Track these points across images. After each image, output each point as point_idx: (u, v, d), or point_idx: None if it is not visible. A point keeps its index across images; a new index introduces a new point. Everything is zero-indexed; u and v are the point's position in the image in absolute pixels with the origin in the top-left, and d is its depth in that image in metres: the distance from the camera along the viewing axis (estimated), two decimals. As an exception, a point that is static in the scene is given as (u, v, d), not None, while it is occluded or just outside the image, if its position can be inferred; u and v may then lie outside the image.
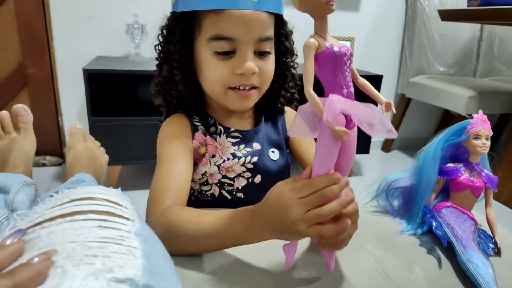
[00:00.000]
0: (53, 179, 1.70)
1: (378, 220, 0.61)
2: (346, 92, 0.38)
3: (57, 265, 0.24)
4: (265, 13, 0.54)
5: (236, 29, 0.53)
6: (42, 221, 0.28)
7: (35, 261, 0.24)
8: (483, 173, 0.56)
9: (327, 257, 0.47)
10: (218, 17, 0.53)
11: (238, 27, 0.53)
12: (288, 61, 0.65)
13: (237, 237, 0.45)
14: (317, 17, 0.37)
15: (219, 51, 0.55)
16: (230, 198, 0.62)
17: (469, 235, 0.52)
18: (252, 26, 0.53)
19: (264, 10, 0.54)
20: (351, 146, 0.41)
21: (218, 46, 0.55)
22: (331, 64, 0.37)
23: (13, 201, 0.57)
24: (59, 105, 1.80)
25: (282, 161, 0.66)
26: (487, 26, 2.26)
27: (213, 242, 0.47)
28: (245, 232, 0.43)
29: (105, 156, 0.79)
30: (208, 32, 0.55)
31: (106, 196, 0.31)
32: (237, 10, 0.52)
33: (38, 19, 1.68)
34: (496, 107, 1.94)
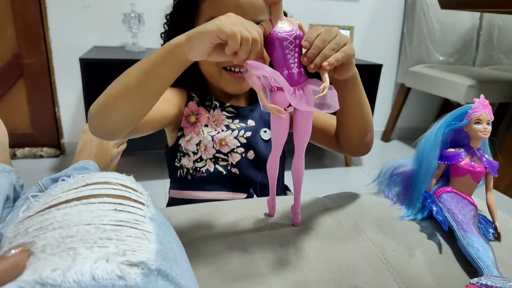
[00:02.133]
0: (50, 171, 1.69)
1: (378, 205, 0.60)
2: (287, 73, 0.42)
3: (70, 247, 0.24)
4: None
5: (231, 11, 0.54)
6: (57, 203, 0.28)
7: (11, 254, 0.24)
8: (484, 158, 0.55)
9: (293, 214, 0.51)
10: (215, 1, 0.57)
11: (233, 11, 0.55)
12: None
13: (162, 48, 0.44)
14: (270, 4, 0.42)
15: None
16: (226, 173, 0.63)
17: (470, 219, 0.52)
18: (247, 10, 0.56)
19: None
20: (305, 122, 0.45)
21: None
22: (273, 47, 0.42)
23: None
24: (56, 95, 1.79)
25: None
26: (487, 16, 2.24)
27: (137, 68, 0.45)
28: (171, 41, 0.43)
29: (117, 148, 0.79)
30: (205, 14, 0.59)
31: (121, 181, 0.31)
32: None
33: (33, 9, 1.66)
34: (496, 96, 1.94)
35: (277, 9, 0.42)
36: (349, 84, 0.53)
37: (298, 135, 0.46)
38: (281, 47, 0.41)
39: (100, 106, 0.47)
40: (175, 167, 0.66)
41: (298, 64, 0.42)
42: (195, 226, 0.52)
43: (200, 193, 0.63)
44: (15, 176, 0.64)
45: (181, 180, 0.66)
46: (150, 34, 1.70)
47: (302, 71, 0.43)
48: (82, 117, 1.80)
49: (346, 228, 0.54)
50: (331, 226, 0.54)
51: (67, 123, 1.85)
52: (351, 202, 0.61)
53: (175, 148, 0.65)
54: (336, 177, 1.84)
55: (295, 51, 0.42)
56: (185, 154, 0.64)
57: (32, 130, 1.82)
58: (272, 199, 0.54)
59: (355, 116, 0.57)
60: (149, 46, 1.74)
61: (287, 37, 0.41)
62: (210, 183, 0.63)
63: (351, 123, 0.59)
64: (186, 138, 0.63)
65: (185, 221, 0.53)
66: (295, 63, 0.42)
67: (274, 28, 0.42)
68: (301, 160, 0.48)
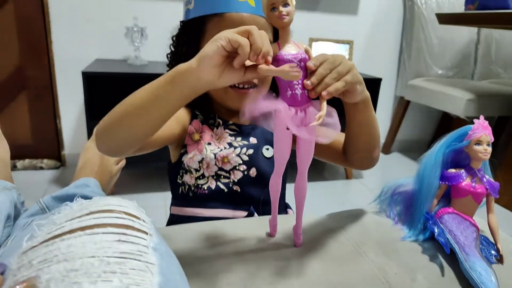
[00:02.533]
0: (50, 183, 1.69)
1: (379, 226, 0.60)
2: (290, 93, 0.43)
3: (74, 281, 0.24)
4: (263, 18, 0.59)
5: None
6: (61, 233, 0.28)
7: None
8: (484, 179, 0.56)
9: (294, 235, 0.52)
10: (220, 20, 0.59)
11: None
12: None
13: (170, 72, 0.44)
14: (279, 28, 0.43)
15: None
16: (227, 190, 0.63)
17: (472, 242, 0.52)
18: None
19: (261, 15, 0.59)
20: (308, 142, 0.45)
21: None
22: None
23: None
24: (58, 107, 1.80)
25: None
26: (484, 30, 2.27)
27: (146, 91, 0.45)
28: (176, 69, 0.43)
29: (117, 165, 0.79)
30: (211, 34, 0.59)
31: (124, 208, 0.31)
32: (237, 13, 0.58)
33: (37, 22, 1.68)
34: (495, 110, 1.95)
35: (284, 33, 0.44)
36: (359, 107, 0.54)
37: (301, 154, 0.47)
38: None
39: (107, 124, 0.48)
40: (177, 183, 0.66)
41: (302, 86, 0.43)
42: (195, 246, 0.52)
43: (201, 210, 0.63)
44: (16, 193, 0.64)
45: (182, 196, 0.66)
46: (153, 47, 1.71)
47: (305, 92, 0.44)
48: (83, 129, 1.80)
49: (348, 249, 0.53)
50: (332, 248, 0.54)
51: (68, 135, 1.85)
52: (352, 222, 0.61)
53: (177, 164, 0.65)
54: (337, 190, 1.84)
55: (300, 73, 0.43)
56: (187, 171, 0.64)
57: (33, 142, 1.82)
58: (273, 219, 0.54)
59: (364, 135, 0.58)
60: (151, 59, 1.76)
61: (292, 60, 0.42)
62: (211, 201, 0.63)
63: (360, 142, 0.60)
64: (189, 156, 0.63)
65: (185, 240, 0.53)
66: (299, 84, 0.43)
67: (280, 50, 0.43)
68: (304, 180, 0.48)
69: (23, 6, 1.65)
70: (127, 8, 1.72)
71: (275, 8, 0.41)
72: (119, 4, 1.72)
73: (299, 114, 0.43)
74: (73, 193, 0.62)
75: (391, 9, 2.17)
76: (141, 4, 1.74)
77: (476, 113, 1.84)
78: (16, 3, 1.64)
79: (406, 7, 2.15)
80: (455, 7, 2.14)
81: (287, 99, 0.43)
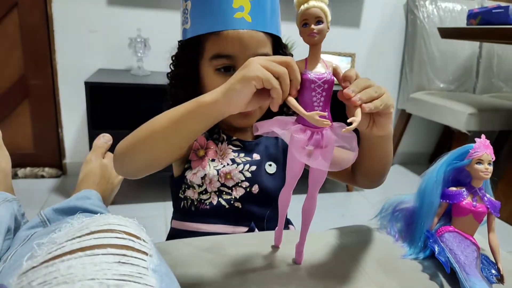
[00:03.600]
0: (51, 191, 1.69)
1: (380, 243, 0.60)
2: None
3: None
4: (261, 32, 0.60)
5: (234, 47, 0.59)
6: (61, 253, 0.28)
7: None
8: (485, 198, 0.56)
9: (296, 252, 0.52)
10: (217, 38, 0.59)
11: (235, 45, 0.59)
12: None
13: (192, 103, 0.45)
14: (309, 44, 0.43)
15: (220, 67, 0.60)
16: (228, 207, 0.63)
17: (472, 261, 0.51)
18: (248, 44, 0.59)
19: (258, 30, 0.59)
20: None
21: (218, 63, 0.60)
22: (302, 86, 0.43)
23: None
24: (60, 117, 1.81)
25: (279, 174, 0.67)
26: (486, 44, 2.29)
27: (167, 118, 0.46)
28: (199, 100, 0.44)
29: (118, 177, 0.79)
30: (209, 52, 0.61)
31: (124, 228, 0.31)
32: (234, 30, 0.58)
33: (41, 32, 1.70)
34: (496, 124, 1.95)
35: (314, 50, 0.43)
36: (382, 140, 0.53)
37: (314, 176, 0.46)
38: (309, 88, 0.42)
39: (126, 148, 0.49)
40: (179, 198, 0.66)
41: (322, 108, 0.42)
42: (195, 263, 0.52)
43: (202, 226, 0.63)
44: (16, 204, 0.64)
45: (184, 211, 0.65)
46: (155, 58, 1.73)
47: (326, 114, 0.43)
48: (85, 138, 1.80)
49: (348, 267, 0.53)
50: (333, 265, 0.53)
51: (69, 143, 1.86)
52: (353, 238, 0.61)
53: (180, 179, 0.65)
54: (337, 202, 1.83)
55: (321, 95, 0.42)
56: (190, 186, 0.64)
57: (34, 150, 1.83)
58: (279, 231, 0.55)
59: (378, 164, 0.59)
60: (154, 70, 1.77)
61: (315, 80, 0.42)
62: (212, 216, 0.63)
63: (373, 169, 0.60)
64: (193, 171, 0.63)
65: (185, 257, 0.53)
66: (320, 106, 0.42)
67: (306, 69, 0.42)
68: (314, 201, 0.48)
69: (28, 16, 1.67)
70: (131, 19, 1.74)
71: (307, 24, 0.40)
72: (122, 15, 1.74)
73: (315, 136, 0.42)
74: (74, 206, 0.62)
75: (393, 23, 2.19)
76: (144, 15, 1.76)
77: (478, 127, 1.84)
78: (21, 12, 1.66)
79: (408, 21, 2.17)
80: (457, 21, 2.16)
81: (305, 120, 0.42)
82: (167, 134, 0.46)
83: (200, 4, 0.59)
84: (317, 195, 0.48)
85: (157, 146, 0.47)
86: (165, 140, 0.47)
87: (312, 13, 0.40)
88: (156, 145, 0.47)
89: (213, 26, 0.58)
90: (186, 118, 0.45)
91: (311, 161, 0.41)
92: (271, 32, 0.61)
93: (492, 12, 1.57)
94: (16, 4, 1.65)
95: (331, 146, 0.42)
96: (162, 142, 0.47)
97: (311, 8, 0.40)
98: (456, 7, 2.19)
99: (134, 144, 0.48)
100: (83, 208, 0.62)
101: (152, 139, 0.47)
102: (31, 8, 1.66)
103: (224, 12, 0.57)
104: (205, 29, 0.59)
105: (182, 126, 0.45)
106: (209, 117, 0.44)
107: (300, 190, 0.51)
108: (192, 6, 0.60)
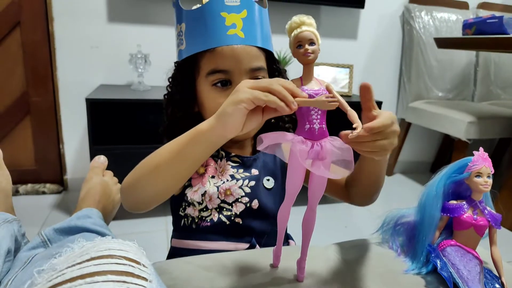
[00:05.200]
0: (52, 207, 1.68)
1: (382, 258, 0.60)
2: (308, 127, 0.44)
3: None
4: (254, 47, 0.62)
5: (229, 62, 0.61)
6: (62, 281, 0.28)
7: None
8: (486, 211, 0.56)
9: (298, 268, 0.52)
10: (212, 55, 0.61)
11: (230, 60, 0.61)
12: None
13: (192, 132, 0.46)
14: (303, 64, 0.45)
15: (216, 81, 0.62)
16: (229, 223, 0.63)
17: (475, 276, 0.51)
18: (242, 58, 0.61)
19: (251, 45, 0.61)
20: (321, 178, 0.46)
21: (215, 78, 0.62)
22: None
23: None
24: (61, 133, 1.82)
25: (277, 189, 0.68)
26: (483, 52, 2.31)
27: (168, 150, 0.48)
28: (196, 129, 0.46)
29: (119, 195, 0.80)
30: (205, 69, 0.63)
31: (124, 253, 0.31)
32: (228, 46, 0.60)
33: (43, 49, 1.72)
34: (496, 132, 1.95)
35: (308, 69, 0.46)
36: (377, 161, 0.55)
37: (313, 189, 0.47)
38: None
39: (131, 182, 0.51)
40: (179, 216, 0.66)
41: (320, 121, 0.45)
42: (195, 282, 0.52)
43: (202, 243, 0.63)
44: (16, 225, 0.64)
45: (184, 228, 0.65)
46: (156, 73, 1.74)
47: (323, 127, 0.45)
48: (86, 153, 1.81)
49: (351, 283, 0.53)
50: (335, 282, 0.53)
51: (70, 159, 1.86)
52: (355, 254, 0.61)
53: (180, 197, 0.65)
54: (340, 213, 1.82)
55: (319, 109, 0.44)
56: (190, 204, 0.64)
57: (36, 166, 1.83)
58: (278, 249, 0.54)
59: (371, 181, 0.61)
60: (154, 85, 1.79)
61: (313, 95, 0.44)
62: (213, 233, 0.63)
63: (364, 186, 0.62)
64: (193, 189, 0.63)
65: (185, 275, 0.53)
66: (318, 119, 0.45)
67: (302, 86, 0.45)
68: (313, 213, 0.49)
69: (30, 34, 1.70)
70: (131, 36, 1.76)
71: (301, 45, 0.44)
72: (123, 31, 1.76)
73: (315, 148, 0.44)
74: (75, 225, 0.62)
75: (390, 34, 2.21)
76: (144, 31, 1.78)
77: (478, 135, 1.84)
78: (23, 31, 1.69)
79: (405, 31, 2.20)
80: (453, 31, 2.18)
81: (304, 133, 0.44)
82: (171, 165, 0.48)
83: (195, 25, 0.61)
84: (316, 207, 0.49)
85: (163, 178, 0.49)
86: (170, 172, 0.48)
87: (306, 36, 0.44)
88: (161, 177, 0.49)
89: (208, 44, 0.60)
90: (188, 147, 0.47)
91: (314, 168, 0.43)
92: (263, 46, 0.63)
93: (487, 22, 1.59)
94: (19, 23, 1.67)
95: (330, 158, 0.44)
96: (168, 174, 0.48)
97: (304, 32, 0.43)
98: (452, 17, 2.21)
99: (139, 179, 0.50)
100: (84, 227, 0.62)
101: (157, 172, 0.48)
102: (33, 26, 1.69)
103: (218, 30, 0.60)
104: (200, 47, 0.61)
105: (185, 155, 0.47)
106: (210, 143, 0.46)
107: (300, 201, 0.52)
108: (186, 27, 0.62)
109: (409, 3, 2.17)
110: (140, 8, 1.76)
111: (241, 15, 0.60)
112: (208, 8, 0.60)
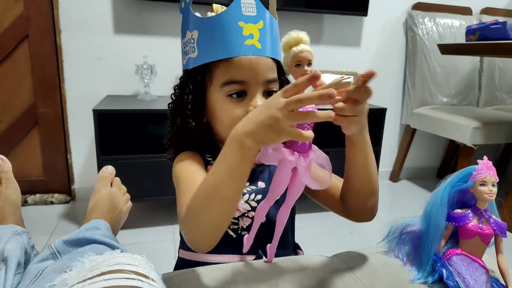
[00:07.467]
0: (60, 217, 1.70)
1: (388, 267, 0.60)
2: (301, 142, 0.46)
3: None
4: (269, 58, 0.61)
5: (246, 73, 0.59)
6: None
7: None
8: (491, 219, 0.56)
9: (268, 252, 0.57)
10: (228, 65, 0.59)
11: (247, 71, 0.59)
12: None
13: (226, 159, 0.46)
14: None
15: (232, 92, 0.60)
16: (235, 236, 0.64)
17: (482, 285, 0.51)
18: (260, 70, 0.60)
19: (267, 56, 0.61)
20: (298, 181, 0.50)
21: (231, 89, 0.60)
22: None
23: (3, 250, 0.58)
24: (69, 143, 1.84)
25: (283, 200, 0.67)
26: (487, 58, 2.30)
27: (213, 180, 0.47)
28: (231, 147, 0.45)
29: (127, 204, 0.81)
30: (220, 79, 0.61)
31: (134, 268, 0.32)
32: (245, 56, 0.59)
33: (51, 61, 1.75)
34: (501, 137, 1.94)
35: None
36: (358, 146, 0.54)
37: (293, 190, 0.52)
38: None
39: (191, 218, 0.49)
40: None
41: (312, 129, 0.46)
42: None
43: (209, 257, 0.63)
44: (26, 237, 0.66)
45: None
46: (162, 83, 1.76)
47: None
48: (94, 163, 1.83)
49: (357, 293, 0.53)
50: (341, 292, 0.53)
51: (78, 169, 1.88)
52: (361, 263, 0.61)
53: None
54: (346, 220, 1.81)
55: (309, 124, 0.45)
56: None
57: (44, 177, 1.85)
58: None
59: (360, 178, 0.58)
60: (160, 95, 1.81)
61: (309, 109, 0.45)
62: (220, 247, 0.63)
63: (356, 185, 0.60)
64: None
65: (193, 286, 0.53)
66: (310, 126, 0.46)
67: None
68: (288, 210, 0.55)
69: (38, 47, 1.73)
70: (137, 47, 1.79)
71: (301, 65, 0.46)
72: (129, 43, 1.79)
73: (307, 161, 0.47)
74: (83, 237, 0.63)
75: (393, 40, 2.22)
76: (150, 42, 1.81)
77: (483, 140, 1.84)
78: (31, 44, 1.72)
79: (408, 38, 2.20)
80: (457, 37, 2.19)
81: (297, 147, 0.46)
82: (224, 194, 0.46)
83: (210, 33, 0.59)
84: (292, 205, 0.54)
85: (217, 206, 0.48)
86: (225, 201, 0.47)
87: (305, 57, 0.47)
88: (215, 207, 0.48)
89: (225, 53, 0.59)
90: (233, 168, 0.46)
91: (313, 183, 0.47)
92: (276, 58, 0.63)
93: (490, 28, 1.59)
94: (27, 36, 1.71)
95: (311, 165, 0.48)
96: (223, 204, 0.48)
97: (304, 52, 0.46)
98: (455, 23, 2.22)
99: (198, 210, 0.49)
100: (92, 239, 0.63)
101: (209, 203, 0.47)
102: (41, 39, 1.72)
103: (236, 39, 0.58)
104: (216, 56, 0.59)
105: (234, 179, 0.46)
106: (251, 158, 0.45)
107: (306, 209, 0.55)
108: (199, 35, 0.60)
109: (412, 9, 2.18)
110: (145, 19, 1.79)
111: (258, 25, 0.59)
112: (225, 16, 0.58)
